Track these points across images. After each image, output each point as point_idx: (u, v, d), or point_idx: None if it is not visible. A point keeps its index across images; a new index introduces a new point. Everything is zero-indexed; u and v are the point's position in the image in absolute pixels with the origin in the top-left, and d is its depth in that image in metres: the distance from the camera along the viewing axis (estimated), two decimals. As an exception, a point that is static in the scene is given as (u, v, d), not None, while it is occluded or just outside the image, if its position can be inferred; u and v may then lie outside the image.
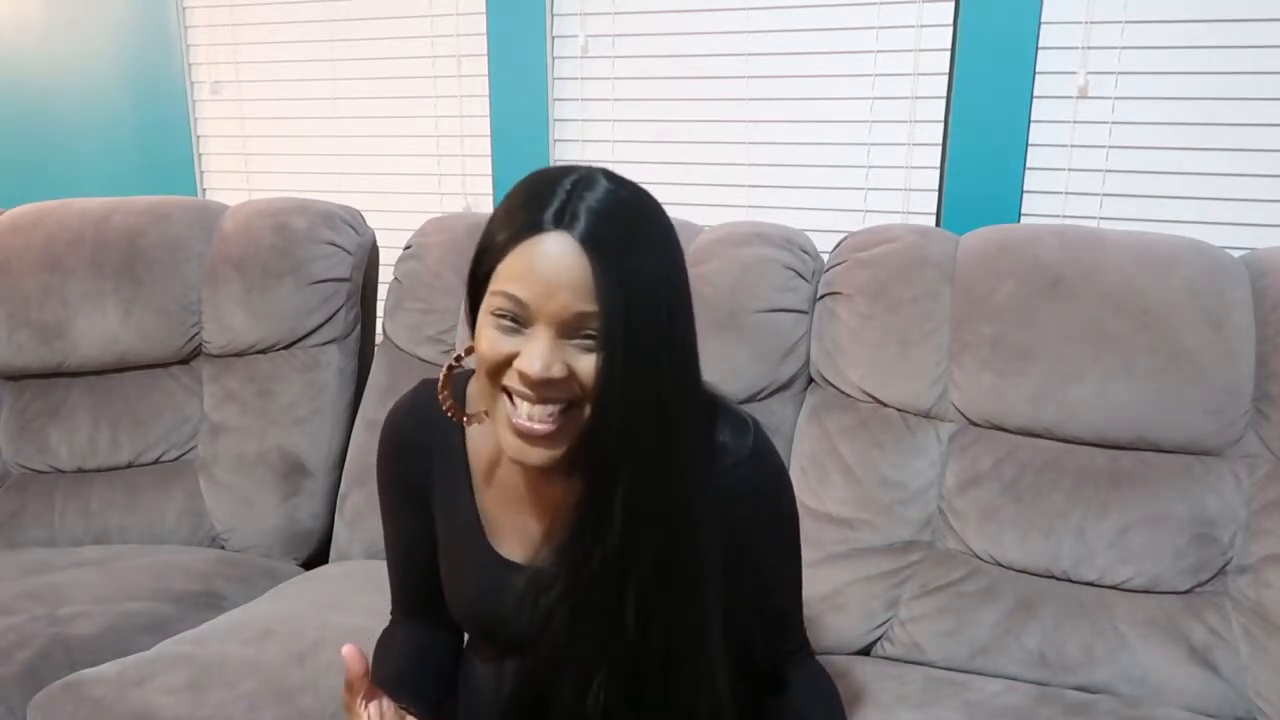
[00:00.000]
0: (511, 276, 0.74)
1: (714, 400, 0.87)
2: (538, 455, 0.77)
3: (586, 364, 0.74)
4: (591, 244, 0.72)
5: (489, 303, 0.76)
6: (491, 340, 0.75)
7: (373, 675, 0.95)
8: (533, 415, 0.75)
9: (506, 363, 0.75)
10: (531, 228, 0.73)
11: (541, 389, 0.74)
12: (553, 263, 0.72)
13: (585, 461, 0.77)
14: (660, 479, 0.78)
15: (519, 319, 0.74)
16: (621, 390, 0.73)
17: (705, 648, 0.83)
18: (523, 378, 0.74)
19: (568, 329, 0.73)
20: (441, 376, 0.88)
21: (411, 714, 0.82)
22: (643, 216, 0.77)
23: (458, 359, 0.88)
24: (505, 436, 0.78)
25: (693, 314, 0.80)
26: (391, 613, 1.02)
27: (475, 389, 0.92)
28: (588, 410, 0.76)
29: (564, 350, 0.74)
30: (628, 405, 0.74)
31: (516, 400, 0.76)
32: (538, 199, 0.75)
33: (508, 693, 0.88)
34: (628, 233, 0.75)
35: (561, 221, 0.73)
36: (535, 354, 0.73)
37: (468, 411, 0.90)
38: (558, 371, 0.73)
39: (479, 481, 0.91)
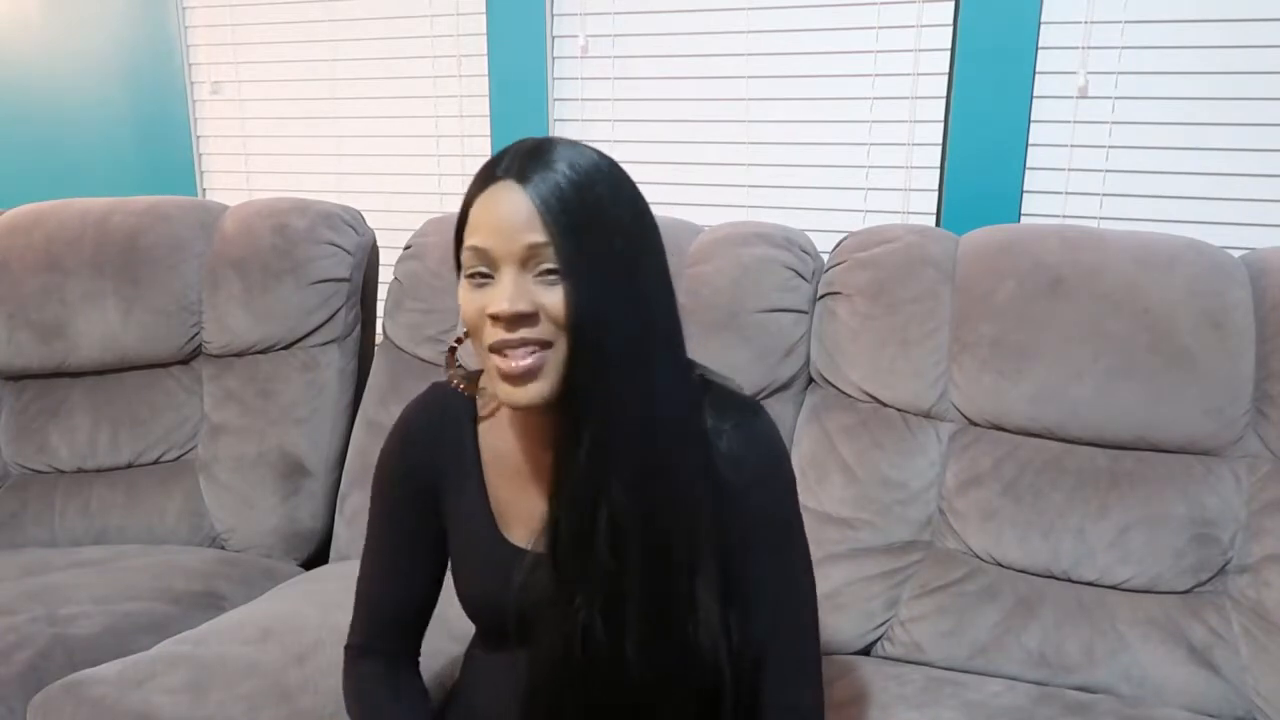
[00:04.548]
0: (471, 231, 0.79)
1: (710, 382, 0.88)
2: (525, 394, 0.78)
3: (554, 297, 0.76)
4: (531, 183, 0.77)
5: (463, 267, 0.80)
6: (468, 301, 0.79)
7: None
8: (514, 355, 0.77)
9: (485, 317, 0.78)
10: (482, 183, 0.80)
11: (516, 326, 0.76)
12: (499, 206, 0.77)
13: (565, 394, 0.79)
14: (631, 412, 0.79)
15: (486, 269, 0.78)
16: (590, 311, 0.76)
17: (695, 604, 0.82)
18: (495, 320, 0.76)
19: (528, 263, 0.76)
20: (446, 355, 0.94)
21: None
22: (592, 165, 0.80)
23: (458, 340, 0.91)
24: (498, 387, 0.80)
25: (668, 274, 0.83)
26: (348, 646, 0.98)
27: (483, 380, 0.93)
28: (566, 347, 0.77)
29: (529, 287, 0.76)
30: (596, 326, 0.76)
31: (504, 350, 0.78)
32: (491, 161, 0.81)
33: (524, 684, 0.87)
34: (574, 172, 0.78)
35: (510, 172, 0.78)
36: (500, 294, 0.76)
37: (478, 398, 0.92)
38: (524, 305, 0.75)
39: (490, 475, 0.91)
